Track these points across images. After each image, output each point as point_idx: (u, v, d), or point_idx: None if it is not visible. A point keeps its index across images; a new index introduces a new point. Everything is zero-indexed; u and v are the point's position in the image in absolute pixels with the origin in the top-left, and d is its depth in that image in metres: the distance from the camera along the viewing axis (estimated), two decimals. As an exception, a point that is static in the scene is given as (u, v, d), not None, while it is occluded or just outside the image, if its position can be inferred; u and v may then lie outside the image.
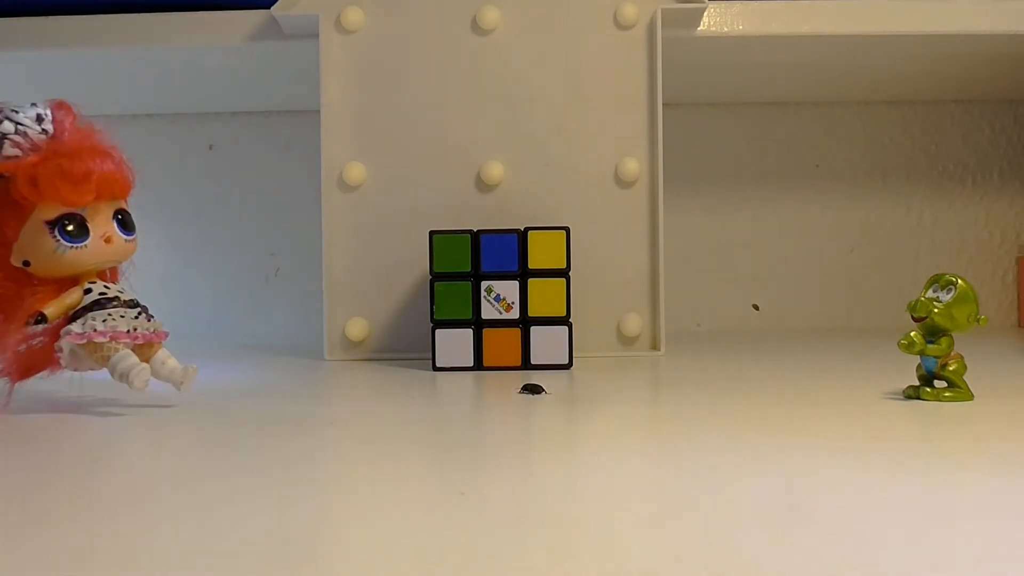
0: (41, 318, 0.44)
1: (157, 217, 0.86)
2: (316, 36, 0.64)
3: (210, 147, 0.88)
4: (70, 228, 0.43)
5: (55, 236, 0.43)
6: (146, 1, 0.66)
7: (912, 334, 0.44)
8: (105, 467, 0.35)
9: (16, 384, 0.45)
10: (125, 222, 0.46)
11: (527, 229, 0.58)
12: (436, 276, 0.58)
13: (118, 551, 0.24)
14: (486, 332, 0.58)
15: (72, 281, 0.45)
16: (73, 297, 0.44)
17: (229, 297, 0.88)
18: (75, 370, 0.45)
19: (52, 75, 0.75)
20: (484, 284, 0.58)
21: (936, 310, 0.44)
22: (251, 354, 0.71)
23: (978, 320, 0.44)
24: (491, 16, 0.64)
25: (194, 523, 0.26)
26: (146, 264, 0.47)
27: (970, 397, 0.44)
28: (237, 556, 0.23)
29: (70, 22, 0.67)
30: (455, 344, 0.58)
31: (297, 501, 0.29)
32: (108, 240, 0.45)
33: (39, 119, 0.44)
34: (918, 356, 0.45)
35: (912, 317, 0.44)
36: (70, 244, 0.43)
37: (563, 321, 0.58)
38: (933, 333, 0.44)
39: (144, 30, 0.67)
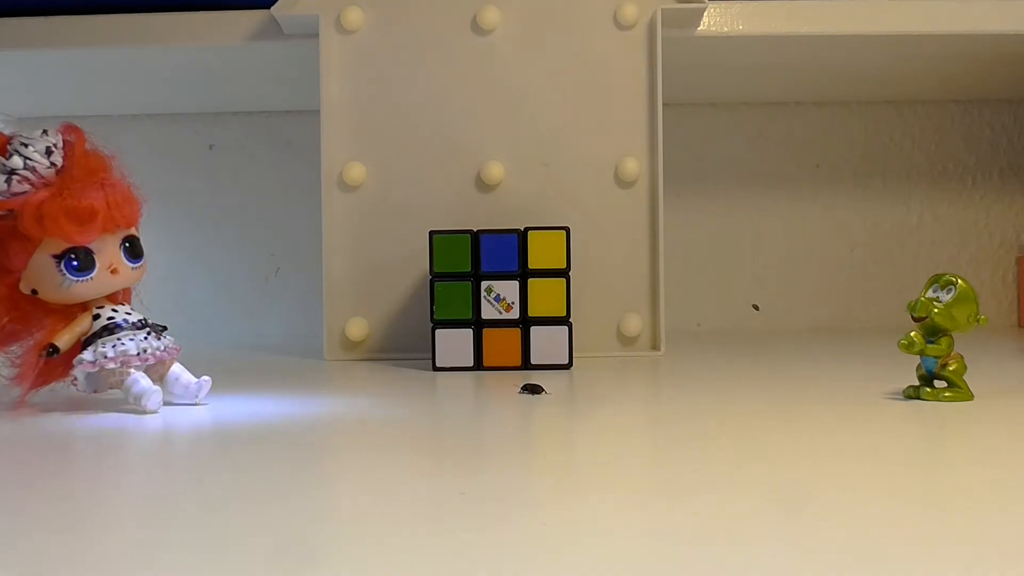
0: (53, 350, 0.44)
1: (157, 217, 0.85)
2: (316, 36, 0.64)
3: (210, 147, 0.88)
4: (76, 262, 0.44)
5: (61, 270, 0.44)
6: (146, 1, 0.66)
7: (912, 334, 0.44)
8: (105, 467, 0.35)
9: (29, 394, 0.46)
10: (133, 249, 0.46)
11: (527, 229, 0.58)
12: (436, 276, 0.58)
13: (119, 549, 0.24)
14: (486, 332, 0.58)
15: (81, 306, 0.45)
16: (83, 325, 0.45)
17: (229, 297, 0.88)
18: (94, 392, 0.46)
19: (52, 75, 0.75)
20: (484, 284, 0.58)
21: (936, 310, 0.44)
22: (251, 354, 0.71)
23: (978, 320, 0.44)
24: (491, 16, 0.64)
25: (194, 522, 0.27)
26: (146, 264, 0.47)
27: (970, 397, 0.44)
28: (237, 555, 0.23)
29: (70, 22, 0.67)
30: (455, 344, 0.58)
31: (297, 501, 0.29)
32: (114, 272, 0.45)
33: (48, 152, 0.44)
34: (918, 356, 0.45)
35: (912, 317, 0.44)
36: (75, 279, 0.44)
37: (563, 321, 0.58)
38: (933, 333, 0.44)
39: (144, 30, 0.67)
